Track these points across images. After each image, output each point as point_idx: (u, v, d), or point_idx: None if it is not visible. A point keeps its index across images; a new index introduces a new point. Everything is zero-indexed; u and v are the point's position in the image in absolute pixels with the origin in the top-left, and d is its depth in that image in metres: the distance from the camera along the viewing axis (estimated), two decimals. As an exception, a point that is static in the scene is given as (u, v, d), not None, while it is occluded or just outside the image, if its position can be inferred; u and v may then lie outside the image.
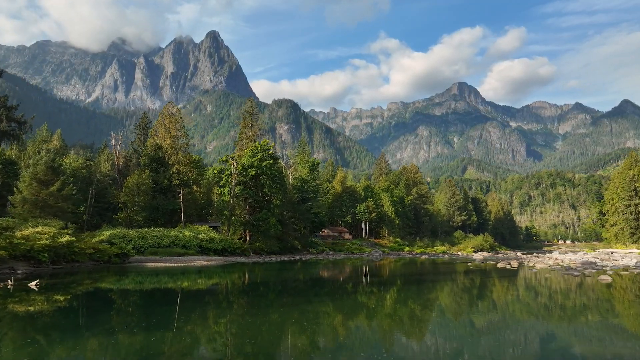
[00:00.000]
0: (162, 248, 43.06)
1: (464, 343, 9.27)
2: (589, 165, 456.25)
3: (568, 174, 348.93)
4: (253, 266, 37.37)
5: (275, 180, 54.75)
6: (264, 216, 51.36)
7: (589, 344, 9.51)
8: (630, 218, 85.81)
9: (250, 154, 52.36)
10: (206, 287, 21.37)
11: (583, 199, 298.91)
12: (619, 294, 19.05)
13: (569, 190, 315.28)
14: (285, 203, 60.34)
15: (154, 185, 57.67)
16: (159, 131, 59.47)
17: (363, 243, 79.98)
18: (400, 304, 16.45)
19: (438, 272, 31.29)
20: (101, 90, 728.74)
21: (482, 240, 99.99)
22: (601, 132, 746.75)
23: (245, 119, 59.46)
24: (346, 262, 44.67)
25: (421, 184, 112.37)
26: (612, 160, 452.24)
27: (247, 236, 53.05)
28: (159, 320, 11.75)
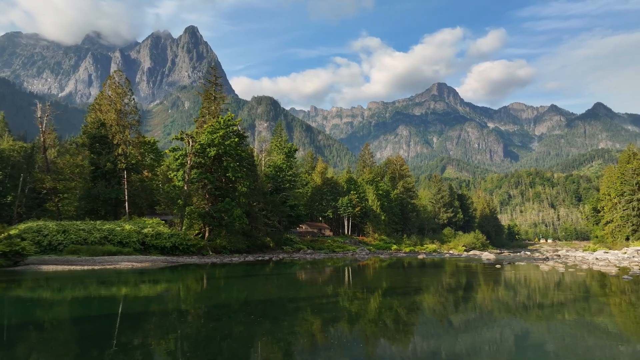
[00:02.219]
0: (88, 245, 32.95)
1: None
2: (565, 166, 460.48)
3: (547, 174, 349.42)
4: (207, 269, 27.93)
5: (242, 163, 45.03)
6: (226, 206, 41.59)
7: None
8: (632, 214, 79.23)
9: (211, 131, 42.44)
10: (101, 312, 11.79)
11: (562, 198, 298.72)
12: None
13: (548, 189, 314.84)
14: (255, 192, 50.70)
15: (94, 169, 47.34)
16: (102, 104, 48.97)
17: (346, 241, 70.94)
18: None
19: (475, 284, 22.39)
20: (75, 85, 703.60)
21: (473, 238, 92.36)
22: (575, 133, 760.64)
23: (207, 90, 49.38)
24: (327, 263, 35.54)
25: (408, 177, 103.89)
26: (587, 161, 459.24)
27: (206, 231, 43.18)
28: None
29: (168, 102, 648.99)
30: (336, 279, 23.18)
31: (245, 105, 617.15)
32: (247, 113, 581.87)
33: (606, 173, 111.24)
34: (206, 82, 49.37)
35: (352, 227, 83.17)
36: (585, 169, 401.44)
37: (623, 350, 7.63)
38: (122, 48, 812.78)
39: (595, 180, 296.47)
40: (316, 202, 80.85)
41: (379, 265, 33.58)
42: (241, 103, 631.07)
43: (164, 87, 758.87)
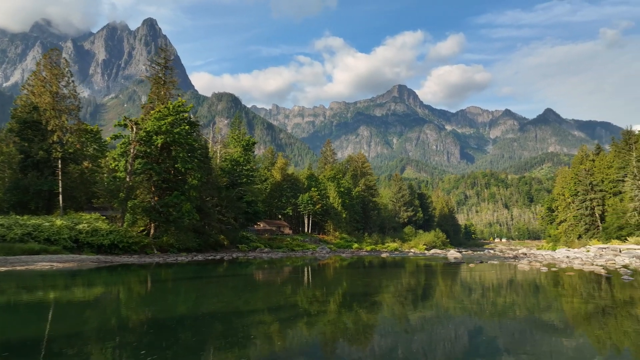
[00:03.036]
0: (6, 242, 28.43)
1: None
2: (517, 168, 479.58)
3: (501, 175, 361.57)
4: (151, 269, 24.35)
5: (194, 153, 41.17)
6: (174, 200, 37.74)
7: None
8: (585, 214, 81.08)
9: (158, 117, 38.39)
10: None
11: (515, 199, 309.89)
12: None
13: (503, 190, 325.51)
14: (209, 186, 46.91)
15: (23, 157, 42.12)
16: (35, 86, 43.69)
17: (306, 239, 68.13)
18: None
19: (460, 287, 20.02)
20: (22, 75, 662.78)
21: (434, 236, 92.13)
22: (527, 137, 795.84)
23: (156, 74, 45.11)
24: (286, 263, 32.64)
25: (369, 175, 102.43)
26: (537, 163, 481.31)
27: (152, 228, 39.11)
28: None
29: (124, 96, 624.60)
30: (295, 279, 20.50)
31: (205, 102, 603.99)
32: (207, 109, 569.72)
33: (560, 174, 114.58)
34: (154, 65, 45.01)
35: (313, 225, 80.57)
36: (536, 172, 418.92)
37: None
38: (74, 38, 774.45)
39: (545, 181, 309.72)
40: (275, 199, 77.58)
41: (342, 265, 31.07)
42: (201, 99, 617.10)
43: (120, 81, 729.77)
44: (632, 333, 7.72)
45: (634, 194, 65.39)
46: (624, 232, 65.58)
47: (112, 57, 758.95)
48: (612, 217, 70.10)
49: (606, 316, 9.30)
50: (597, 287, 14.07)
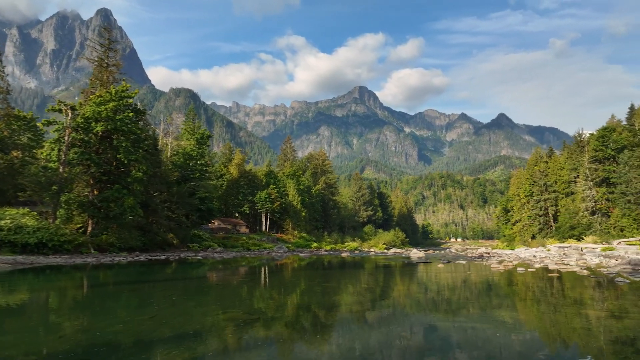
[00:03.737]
0: None
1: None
2: (472, 170, 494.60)
3: (457, 176, 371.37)
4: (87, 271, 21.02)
5: (139, 144, 37.47)
6: (115, 195, 34.02)
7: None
8: (539, 214, 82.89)
9: (98, 102, 34.51)
10: None
11: (470, 200, 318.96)
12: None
13: (458, 191, 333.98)
14: (157, 180, 43.22)
15: (-62, 145, 37.01)
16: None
17: (263, 238, 65.25)
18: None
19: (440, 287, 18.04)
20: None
21: (394, 236, 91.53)
22: (481, 141, 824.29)
23: (99, 56, 40.88)
24: (241, 263, 30.04)
25: (330, 173, 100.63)
26: (491, 166, 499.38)
27: (90, 225, 35.16)
28: None
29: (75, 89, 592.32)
30: (250, 280, 18.17)
31: (162, 97, 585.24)
32: (164, 105, 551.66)
33: (515, 175, 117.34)
34: (97, 46, 40.83)
35: (271, 223, 77.71)
36: (489, 174, 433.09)
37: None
38: (20, 25, 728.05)
39: (499, 183, 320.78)
40: (232, 196, 74.10)
41: (300, 265, 28.80)
42: (158, 94, 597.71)
43: (71, 72, 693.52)
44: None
45: (585, 195, 67.04)
46: (575, 231, 67.12)
47: (63, 48, 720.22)
48: (565, 217, 71.72)
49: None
50: (614, 295, 12.33)
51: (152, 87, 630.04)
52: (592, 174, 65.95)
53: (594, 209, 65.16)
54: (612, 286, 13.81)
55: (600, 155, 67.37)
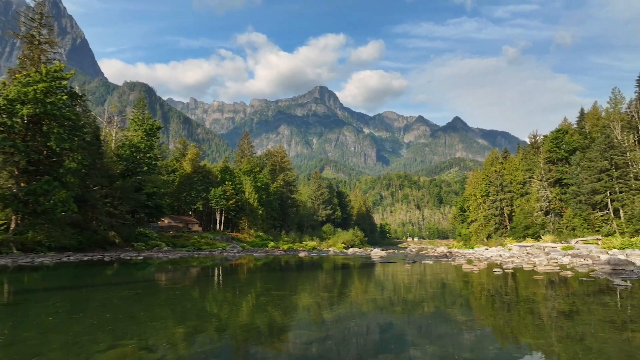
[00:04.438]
0: None
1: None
2: (429, 171, 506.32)
3: (414, 177, 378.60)
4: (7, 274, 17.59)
5: (75, 131, 33.52)
6: (45, 187, 30.05)
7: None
8: (495, 213, 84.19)
9: (25, 82, 30.40)
10: None
11: (427, 200, 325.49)
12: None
13: (415, 191, 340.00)
14: (97, 173, 39.22)
15: None
16: None
17: (217, 237, 61.82)
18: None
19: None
20: None
21: (352, 235, 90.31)
22: (437, 143, 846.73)
23: (29, 32, 36.37)
24: (192, 263, 27.34)
25: (289, 171, 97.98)
26: (446, 167, 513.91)
27: (14, 221, 30.94)
28: None
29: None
30: (200, 282, 15.82)
31: (115, 90, 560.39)
32: (118, 99, 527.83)
33: (472, 175, 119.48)
34: (27, 21, 36.34)
35: (226, 221, 74.22)
36: (445, 175, 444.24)
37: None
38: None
39: (454, 184, 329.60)
40: (184, 193, 70.05)
41: (252, 267, 26.33)
42: (111, 87, 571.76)
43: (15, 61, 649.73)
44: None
45: (540, 195, 68.27)
46: (530, 231, 68.30)
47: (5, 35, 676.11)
48: (520, 216, 72.93)
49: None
50: (631, 304, 10.61)
51: (104, 80, 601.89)
52: (546, 175, 67.27)
53: (547, 209, 66.44)
54: (613, 291, 12.30)
55: (553, 157, 68.87)
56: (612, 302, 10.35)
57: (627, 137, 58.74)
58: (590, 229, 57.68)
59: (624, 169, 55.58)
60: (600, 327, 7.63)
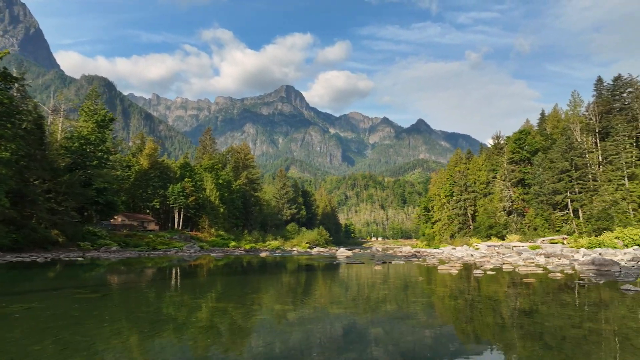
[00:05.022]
0: None
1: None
2: (393, 172, 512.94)
3: (379, 178, 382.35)
4: None
5: (8, 117, 30.01)
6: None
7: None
8: (459, 213, 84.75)
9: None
10: None
11: (391, 200, 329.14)
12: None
13: (380, 192, 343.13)
14: (38, 165, 35.62)
15: None
16: None
17: (174, 236, 58.59)
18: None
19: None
20: None
21: (317, 234, 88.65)
22: (402, 144, 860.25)
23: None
24: (146, 264, 24.89)
25: (252, 168, 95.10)
26: (410, 169, 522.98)
27: None
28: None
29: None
30: (154, 284, 13.55)
31: (72, 84, 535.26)
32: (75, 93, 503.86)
33: (436, 175, 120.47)
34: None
35: (185, 220, 70.85)
36: (408, 176, 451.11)
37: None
38: None
39: (417, 185, 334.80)
40: (140, 190, 66.23)
41: (210, 267, 24.15)
42: (67, 80, 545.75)
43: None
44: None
45: (503, 195, 68.94)
46: (493, 230, 68.85)
47: None
48: (483, 216, 73.50)
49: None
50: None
51: (60, 73, 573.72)
52: (509, 175, 67.95)
53: (510, 208, 67.14)
54: (634, 300, 10.94)
55: (516, 157, 69.75)
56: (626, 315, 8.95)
57: (587, 139, 60.06)
58: (551, 229, 58.51)
59: (583, 170, 56.67)
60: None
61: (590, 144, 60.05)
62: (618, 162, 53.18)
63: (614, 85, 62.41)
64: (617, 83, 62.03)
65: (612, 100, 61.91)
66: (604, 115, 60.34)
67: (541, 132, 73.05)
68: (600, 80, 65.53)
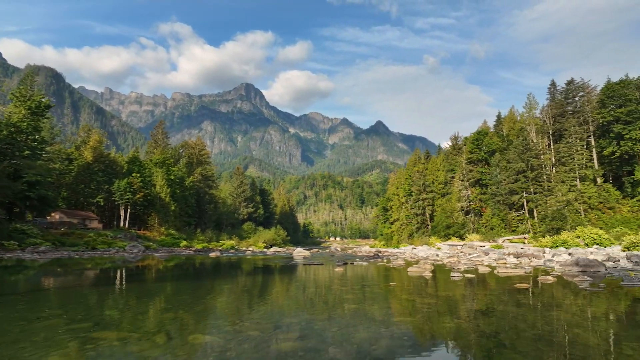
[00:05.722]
0: None
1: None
2: (351, 173, 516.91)
3: (338, 178, 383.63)
4: None
5: None
6: None
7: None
8: (418, 212, 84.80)
9: None
10: None
11: (349, 200, 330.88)
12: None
13: (338, 192, 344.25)
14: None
15: None
16: None
17: (119, 235, 54.23)
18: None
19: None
20: None
21: (275, 234, 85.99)
22: (360, 145, 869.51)
23: None
24: (85, 265, 21.79)
25: (207, 164, 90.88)
26: (368, 169, 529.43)
27: None
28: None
29: None
30: (91, 287, 10.64)
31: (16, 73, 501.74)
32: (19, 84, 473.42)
33: (396, 175, 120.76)
34: None
35: (133, 218, 66.26)
36: (367, 176, 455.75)
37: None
38: None
39: (375, 185, 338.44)
40: (82, 184, 61.15)
41: (163, 267, 21.44)
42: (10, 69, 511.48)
43: None
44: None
45: (461, 195, 69.21)
46: (450, 230, 68.93)
47: None
48: (441, 216, 73.61)
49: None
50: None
51: (2, 61, 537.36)
52: (467, 175, 68.27)
53: (468, 208, 67.44)
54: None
55: (474, 157, 70.22)
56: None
57: (542, 141, 61.16)
58: (507, 229, 59.04)
59: (539, 171, 57.54)
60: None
61: (545, 145, 61.23)
62: (571, 163, 54.27)
63: (567, 89, 64.00)
64: (570, 87, 63.64)
65: (565, 103, 63.50)
66: (557, 118, 61.70)
67: (498, 133, 74.11)
68: (554, 83, 67.14)
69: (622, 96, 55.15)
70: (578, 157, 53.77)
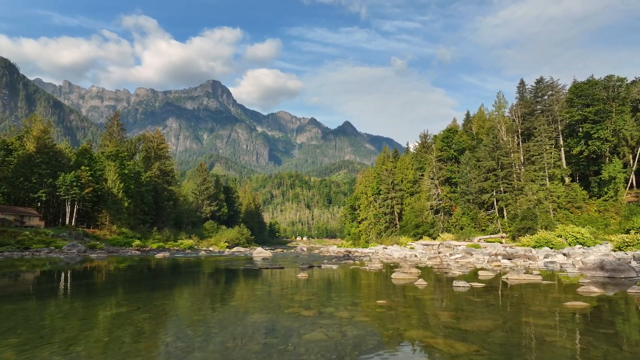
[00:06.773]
0: None
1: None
2: (319, 172, 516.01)
3: (305, 177, 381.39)
4: None
5: None
6: None
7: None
8: (386, 211, 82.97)
9: None
10: None
11: (316, 200, 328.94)
12: None
13: (306, 191, 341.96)
14: None
15: None
16: None
17: (63, 233, 49.16)
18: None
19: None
20: None
21: (238, 233, 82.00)
22: (328, 145, 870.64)
23: None
24: (20, 267, 17.49)
25: (167, 159, 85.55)
26: (336, 169, 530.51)
27: None
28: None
29: None
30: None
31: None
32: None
33: (364, 174, 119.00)
34: None
35: (83, 215, 60.91)
36: (334, 176, 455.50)
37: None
38: None
39: (342, 185, 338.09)
40: (22, 178, 55.44)
41: (112, 269, 17.71)
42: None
43: None
44: None
45: (431, 193, 67.65)
46: (420, 229, 67.23)
47: None
48: (410, 215, 71.88)
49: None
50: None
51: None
52: (437, 173, 66.81)
53: (438, 207, 65.95)
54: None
55: (444, 155, 68.87)
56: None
57: (511, 140, 60.30)
58: (477, 228, 57.77)
59: (509, 170, 56.57)
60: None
61: (514, 144, 60.47)
62: (540, 162, 53.56)
63: (536, 87, 63.52)
64: (539, 86, 63.18)
65: (535, 102, 63.03)
66: (526, 117, 61.07)
67: (467, 131, 73.22)
68: (523, 82, 66.61)
69: (590, 95, 54.96)
70: (547, 156, 53.08)
